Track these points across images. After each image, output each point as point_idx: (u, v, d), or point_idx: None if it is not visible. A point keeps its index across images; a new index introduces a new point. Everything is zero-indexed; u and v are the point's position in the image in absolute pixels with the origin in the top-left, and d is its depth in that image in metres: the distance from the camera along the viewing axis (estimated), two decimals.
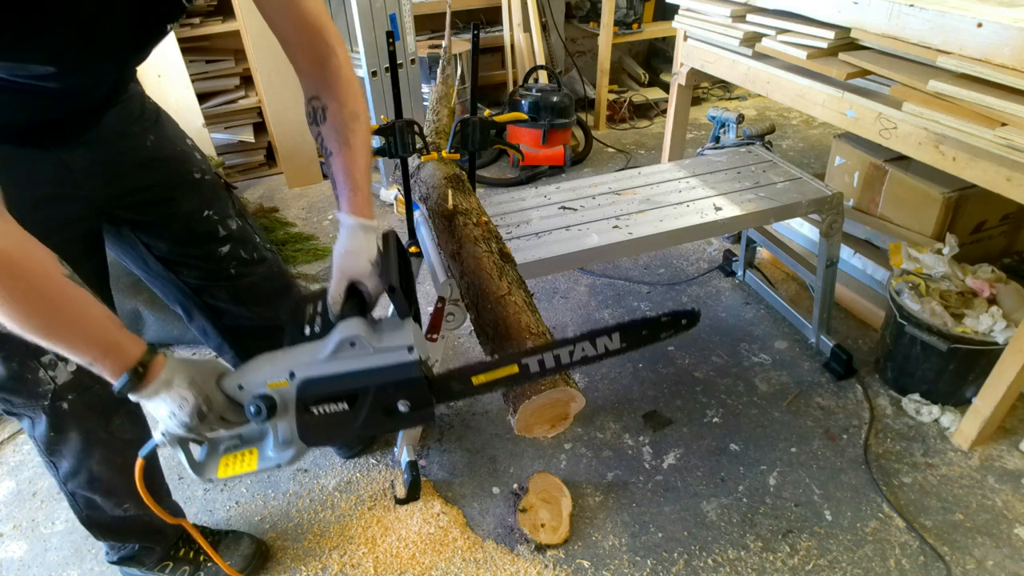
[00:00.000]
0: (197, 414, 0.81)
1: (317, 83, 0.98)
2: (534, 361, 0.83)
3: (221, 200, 1.26)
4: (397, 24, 2.68)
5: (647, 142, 3.70)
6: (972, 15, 1.38)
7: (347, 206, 0.94)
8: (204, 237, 1.24)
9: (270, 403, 0.82)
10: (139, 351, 0.79)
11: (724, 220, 1.62)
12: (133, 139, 1.12)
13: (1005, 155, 1.36)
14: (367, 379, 0.82)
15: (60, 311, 0.74)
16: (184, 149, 1.22)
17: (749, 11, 2.01)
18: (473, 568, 1.47)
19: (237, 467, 0.88)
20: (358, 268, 0.91)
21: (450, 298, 1.33)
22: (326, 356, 0.82)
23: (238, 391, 0.85)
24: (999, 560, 1.45)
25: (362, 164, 0.96)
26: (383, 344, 0.82)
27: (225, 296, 1.31)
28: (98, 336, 0.77)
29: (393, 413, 0.83)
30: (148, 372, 0.80)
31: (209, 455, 0.90)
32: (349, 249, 0.91)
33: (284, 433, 0.86)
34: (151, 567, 1.40)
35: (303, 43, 0.97)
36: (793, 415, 1.84)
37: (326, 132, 0.97)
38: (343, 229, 0.93)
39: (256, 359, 0.86)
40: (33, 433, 1.13)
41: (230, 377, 0.85)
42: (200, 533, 1.45)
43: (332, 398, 0.82)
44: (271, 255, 1.37)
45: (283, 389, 0.83)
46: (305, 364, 0.83)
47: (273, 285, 1.37)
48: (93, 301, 0.77)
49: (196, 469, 0.89)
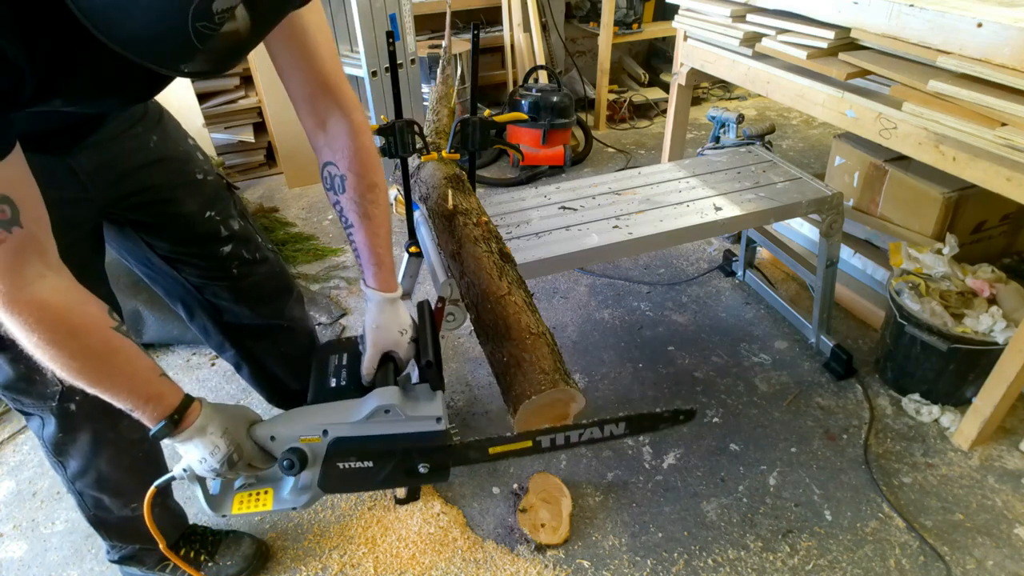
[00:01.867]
0: (228, 462, 0.87)
1: (332, 150, 0.97)
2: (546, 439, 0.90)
3: (223, 201, 1.26)
4: (397, 24, 2.69)
5: (647, 142, 3.70)
6: (972, 15, 1.38)
7: (373, 281, 0.99)
8: (206, 237, 1.24)
9: (302, 456, 0.87)
10: (176, 399, 0.85)
11: (724, 220, 1.62)
12: (136, 140, 1.12)
13: (1005, 155, 1.36)
14: (396, 444, 0.89)
15: (108, 364, 0.80)
16: (186, 149, 1.22)
17: (749, 11, 2.01)
18: (473, 568, 1.47)
19: (252, 506, 0.94)
20: (390, 340, 0.97)
21: (450, 298, 1.33)
22: (361, 419, 0.89)
23: (269, 441, 0.90)
24: (999, 560, 1.45)
25: (383, 237, 0.99)
26: (415, 414, 0.89)
27: (227, 295, 1.31)
28: (140, 387, 0.82)
29: (413, 473, 0.90)
30: (184, 420, 0.85)
31: (223, 491, 0.95)
32: (380, 324, 0.97)
33: (305, 480, 0.91)
34: (151, 566, 1.40)
35: (318, 106, 0.95)
36: (793, 415, 1.84)
37: (345, 204, 0.98)
38: (371, 304, 0.99)
39: (288, 413, 0.92)
40: (41, 433, 1.13)
41: (262, 427, 0.91)
42: (199, 534, 1.46)
43: (360, 457, 0.89)
44: (273, 255, 1.37)
45: (315, 444, 0.89)
46: (340, 423, 0.89)
47: (275, 285, 1.38)
48: (138, 353, 0.83)
49: (211, 504, 0.93)
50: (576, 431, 0.90)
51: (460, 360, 2.09)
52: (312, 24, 0.90)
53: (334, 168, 0.97)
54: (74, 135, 1.00)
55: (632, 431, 0.92)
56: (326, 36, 0.93)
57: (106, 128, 1.05)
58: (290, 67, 0.92)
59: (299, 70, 0.92)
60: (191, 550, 1.42)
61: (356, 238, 0.98)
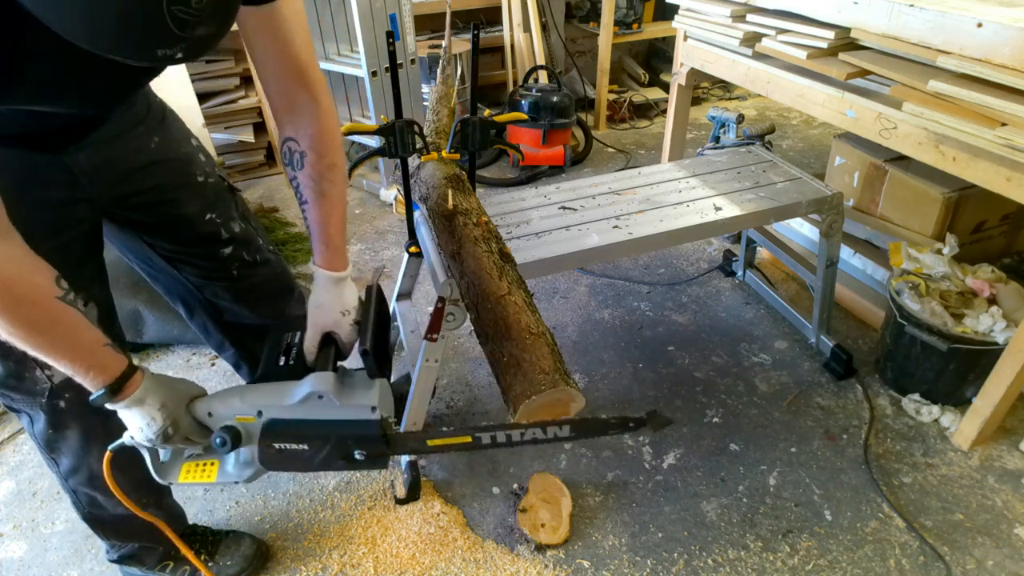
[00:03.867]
0: (163, 434, 0.89)
1: (296, 128, 0.98)
2: (487, 436, 0.88)
3: (224, 203, 1.26)
4: (397, 24, 2.69)
5: (647, 142, 3.70)
6: (972, 15, 1.38)
7: (319, 259, 0.99)
8: (207, 239, 1.24)
9: (235, 434, 0.89)
10: (119, 369, 0.87)
11: (724, 220, 1.62)
12: (137, 140, 1.11)
13: (1005, 155, 1.36)
14: (329, 429, 0.89)
15: (50, 334, 0.82)
16: (188, 151, 1.21)
17: (749, 11, 2.01)
18: (473, 568, 1.47)
19: (197, 476, 0.96)
20: (330, 320, 0.98)
21: (450, 298, 1.33)
22: (294, 403, 0.90)
23: (207, 417, 0.92)
24: (999, 560, 1.45)
25: (337, 217, 1.00)
26: (350, 401, 0.90)
27: (226, 295, 1.31)
28: (82, 356, 0.84)
29: (349, 459, 0.90)
30: (123, 390, 0.87)
31: (173, 458, 0.97)
32: (321, 302, 0.98)
33: (246, 456, 0.93)
34: (152, 566, 1.40)
35: (289, 89, 0.97)
36: (793, 415, 1.84)
37: (303, 180, 0.99)
38: (316, 281, 0.99)
39: (228, 390, 0.93)
40: (32, 431, 1.13)
41: (202, 402, 0.92)
42: (199, 534, 1.45)
43: (294, 439, 0.90)
44: (274, 257, 1.37)
45: (249, 424, 0.90)
46: (273, 405, 0.90)
47: (276, 286, 1.38)
48: (83, 323, 0.84)
49: (159, 471, 0.95)
50: (517, 430, 0.87)
51: (460, 360, 2.09)
52: (289, 14, 0.92)
53: (294, 144, 0.98)
54: (72, 135, 1.00)
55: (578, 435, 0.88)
56: (301, 25, 0.95)
57: (107, 128, 1.05)
58: (265, 54, 0.94)
59: (274, 57, 0.94)
60: (191, 550, 1.42)
61: (309, 215, 0.99)
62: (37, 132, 0.94)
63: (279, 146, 1.01)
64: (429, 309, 1.38)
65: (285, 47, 0.94)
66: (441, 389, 1.94)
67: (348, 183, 1.02)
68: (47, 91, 0.80)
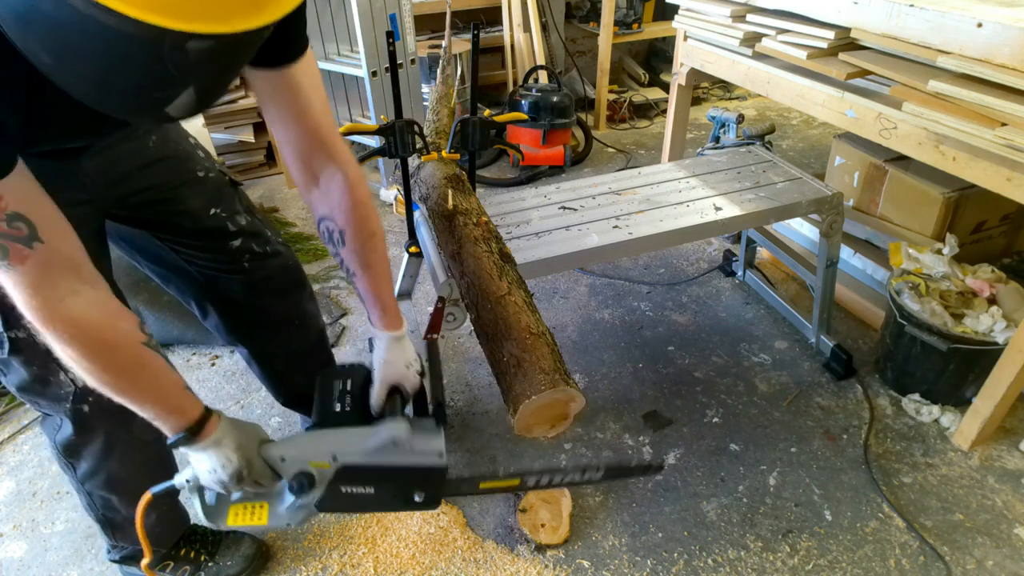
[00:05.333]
0: (237, 476, 0.90)
1: (329, 206, 0.98)
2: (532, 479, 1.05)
3: (227, 197, 1.27)
4: (397, 24, 2.69)
5: (647, 142, 3.70)
6: (972, 15, 1.38)
7: (379, 324, 1.03)
8: (213, 233, 1.24)
9: (311, 480, 0.92)
10: (197, 412, 0.89)
11: (724, 220, 1.62)
12: (135, 142, 1.12)
13: (1005, 155, 1.36)
14: (400, 474, 0.95)
15: (137, 379, 0.84)
16: (186, 148, 1.22)
17: (749, 11, 2.01)
18: (473, 568, 1.47)
19: (248, 519, 0.97)
20: (397, 374, 1.02)
21: (450, 298, 1.33)
22: (371, 448, 0.93)
23: (279, 462, 0.94)
24: (999, 560, 1.45)
25: (384, 282, 1.03)
26: (420, 447, 0.95)
27: (239, 288, 1.31)
28: (165, 400, 0.87)
29: (408, 500, 0.97)
30: (202, 432, 0.89)
31: (220, 502, 0.98)
32: (388, 360, 1.02)
33: (303, 499, 0.95)
34: (152, 567, 1.40)
35: (311, 160, 0.95)
36: (793, 415, 1.84)
37: (346, 256, 1.00)
38: (379, 342, 1.03)
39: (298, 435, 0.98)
40: (55, 436, 1.14)
41: (274, 447, 0.94)
42: (199, 534, 1.46)
43: (365, 483, 0.95)
44: (284, 249, 1.38)
45: (324, 469, 0.93)
46: (350, 451, 0.93)
47: (288, 278, 1.39)
48: (165, 367, 0.88)
49: (208, 514, 0.97)
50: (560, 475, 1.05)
51: (460, 360, 2.09)
52: (305, 81, 0.89)
53: (331, 224, 0.98)
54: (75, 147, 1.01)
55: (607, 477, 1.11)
56: (319, 92, 0.92)
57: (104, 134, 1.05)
58: (282, 124, 0.92)
59: (291, 128, 0.92)
60: (191, 550, 1.42)
61: (360, 286, 1.02)
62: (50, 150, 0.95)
63: (316, 225, 1.02)
64: (429, 309, 1.38)
65: (303, 116, 0.91)
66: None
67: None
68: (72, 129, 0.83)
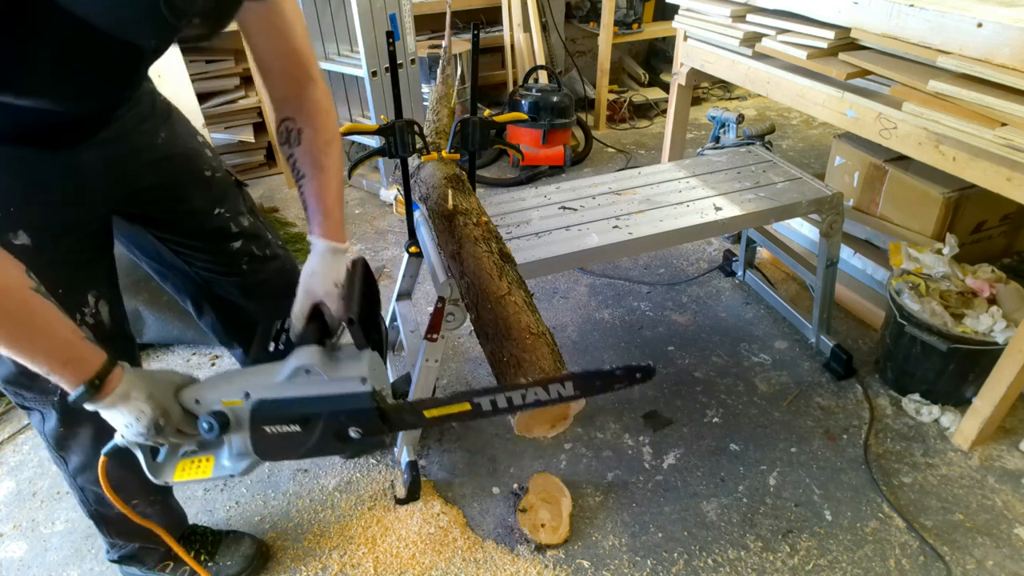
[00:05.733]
0: (154, 427, 0.85)
1: (293, 108, 1.00)
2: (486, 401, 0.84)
3: (232, 197, 1.26)
4: (397, 24, 2.69)
5: (647, 142, 3.70)
6: (972, 15, 1.38)
7: (318, 230, 0.98)
8: (216, 234, 1.24)
9: (223, 420, 0.86)
10: (98, 363, 0.82)
11: (724, 220, 1.62)
12: (144, 137, 1.11)
13: (1005, 155, 1.36)
14: (319, 406, 0.85)
15: (25, 326, 0.77)
16: (195, 146, 1.22)
17: (749, 11, 2.01)
18: (473, 568, 1.47)
19: (192, 472, 0.93)
20: (322, 290, 0.94)
21: (450, 298, 1.33)
22: (281, 380, 0.87)
23: (195, 405, 0.89)
24: (999, 560, 1.45)
25: (334, 189, 1.00)
26: (338, 374, 0.86)
27: (236, 291, 1.31)
28: (58, 350, 0.79)
29: (345, 438, 0.86)
30: (105, 385, 0.82)
31: (168, 457, 0.94)
32: (315, 270, 0.96)
33: (239, 446, 0.90)
34: (151, 566, 1.40)
35: (287, 73, 0.99)
36: (793, 415, 1.84)
37: (300, 155, 0.99)
38: (313, 251, 0.98)
39: (214, 376, 0.90)
40: (43, 428, 1.13)
41: (188, 391, 0.89)
42: (199, 534, 1.46)
43: (285, 420, 0.86)
44: (283, 252, 1.37)
45: (237, 408, 0.87)
46: (261, 386, 0.87)
47: (285, 281, 1.37)
48: (58, 316, 0.79)
49: (153, 470, 0.93)
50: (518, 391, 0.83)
51: (460, 360, 2.09)
52: (287, 7, 0.95)
53: (291, 123, 1.00)
54: (79, 132, 1.00)
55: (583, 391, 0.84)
56: (300, 19, 0.99)
57: (114, 126, 1.05)
58: (267, 46, 0.97)
59: (275, 48, 0.97)
60: (191, 550, 1.42)
61: (307, 188, 0.99)
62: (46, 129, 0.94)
63: (275, 127, 1.02)
64: (429, 309, 1.38)
65: (288, 39, 0.97)
66: (441, 389, 1.94)
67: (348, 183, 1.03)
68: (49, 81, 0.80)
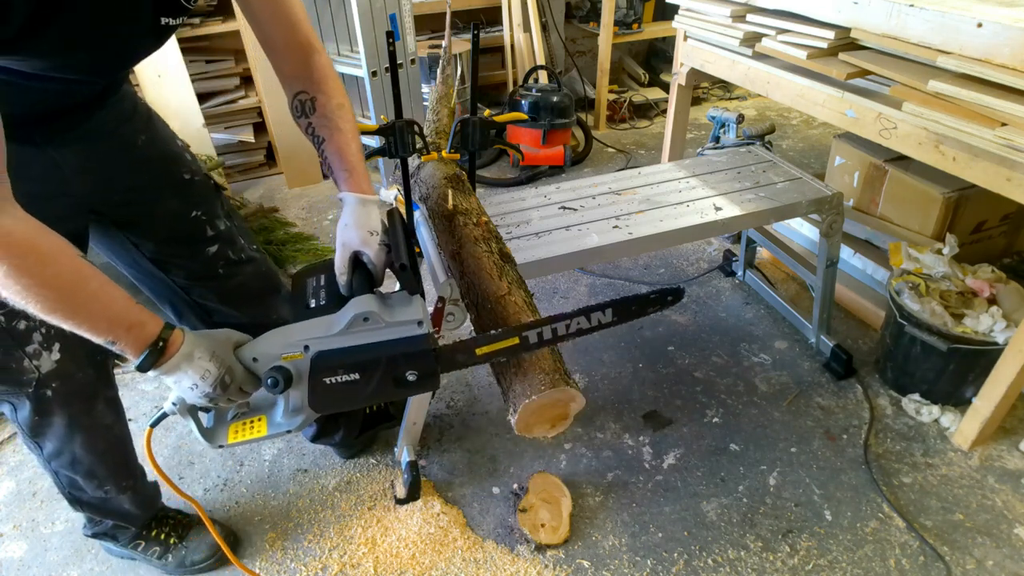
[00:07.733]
0: (220, 384, 0.84)
1: (303, 81, 1.02)
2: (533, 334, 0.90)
3: (210, 201, 1.28)
4: (397, 24, 2.69)
5: (647, 142, 3.70)
6: (972, 15, 1.38)
7: (345, 185, 0.98)
8: (192, 237, 1.25)
9: (287, 375, 0.86)
10: (158, 327, 0.82)
11: (724, 220, 1.62)
12: (124, 138, 1.13)
13: (1005, 155, 1.36)
14: (379, 352, 0.87)
15: (82, 292, 0.76)
16: (175, 150, 1.24)
17: (749, 11, 2.01)
18: (473, 568, 1.47)
19: (247, 433, 0.92)
20: (358, 238, 0.93)
21: (450, 298, 1.33)
22: (340, 330, 0.87)
23: (252, 363, 0.88)
24: (999, 560, 1.45)
25: (355, 146, 1.01)
26: (394, 319, 0.87)
27: (213, 296, 1.33)
28: (118, 315, 0.78)
29: (401, 382, 0.88)
30: (168, 347, 0.82)
31: (217, 423, 0.94)
32: (349, 222, 0.94)
33: (295, 401, 0.90)
34: (124, 544, 1.44)
35: (292, 47, 1.02)
36: (793, 415, 1.84)
37: (316, 121, 1.01)
38: (344, 206, 0.97)
39: (270, 333, 0.89)
40: (16, 418, 1.14)
41: (245, 349, 0.89)
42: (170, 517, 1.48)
43: (345, 369, 0.86)
44: (259, 255, 1.39)
45: (298, 361, 0.87)
46: (319, 338, 0.87)
47: (261, 285, 1.39)
48: (109, 281, 0.79)
49: (207, 436, 0.92)
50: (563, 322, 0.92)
51: None
52: None
53: (305, 95, 1.02)
54: (60, 125, 1.01)
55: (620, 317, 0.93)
56: None
57: (93, 123, 1.05)
58: (272, 24, 1.01)
59: (280, 26, 1.01)
60: (162, 532, 1.46)
61: (328, 149, 1.00)
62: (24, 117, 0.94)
63: (290, 104, 1.04)
64: (429, 309, 1.38)
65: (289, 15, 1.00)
66: (441, 389, 1.94)
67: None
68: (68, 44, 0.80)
